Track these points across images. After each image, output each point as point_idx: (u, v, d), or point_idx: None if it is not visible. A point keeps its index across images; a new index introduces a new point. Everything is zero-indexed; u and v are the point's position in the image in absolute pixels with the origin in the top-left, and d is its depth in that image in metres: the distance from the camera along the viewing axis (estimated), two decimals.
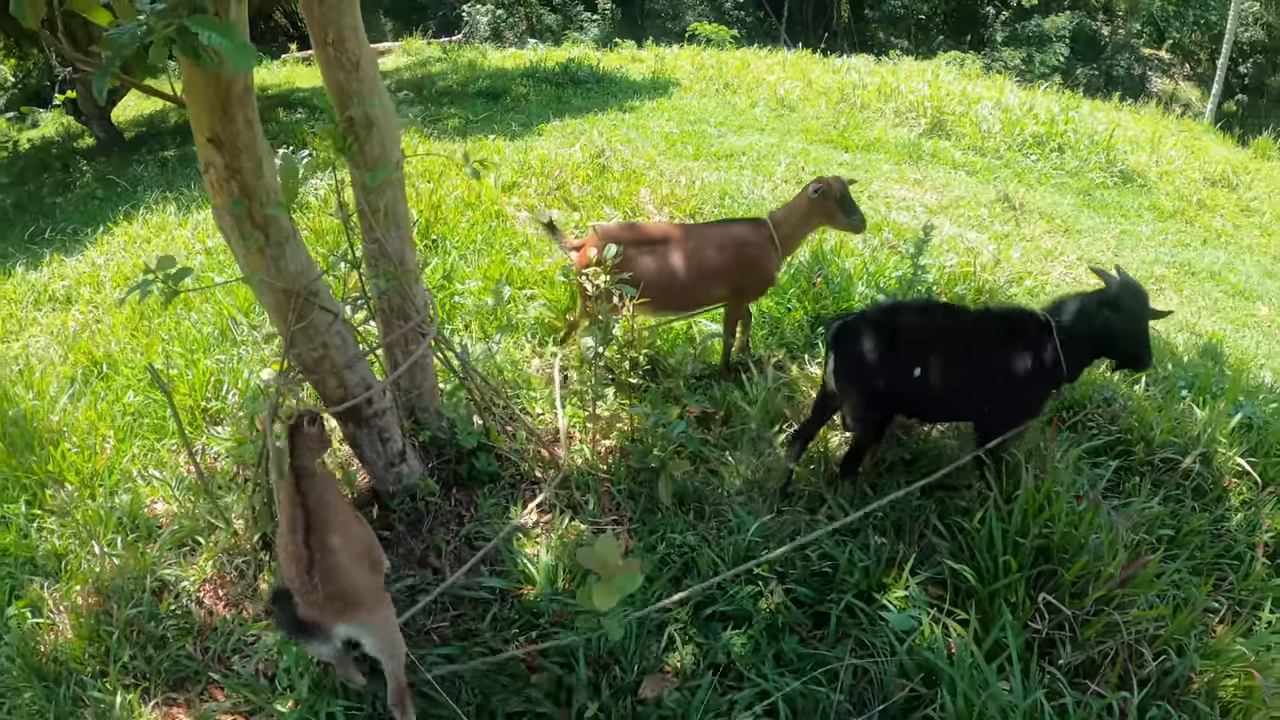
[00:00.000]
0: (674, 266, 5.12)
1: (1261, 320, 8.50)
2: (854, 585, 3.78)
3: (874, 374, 4.05)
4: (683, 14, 35.38)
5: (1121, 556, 3.61)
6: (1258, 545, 4.21)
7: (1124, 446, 4.83)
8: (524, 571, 3.93)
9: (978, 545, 3.79)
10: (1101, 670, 3.42)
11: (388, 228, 3.98)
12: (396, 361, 4.32)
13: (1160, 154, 14.50)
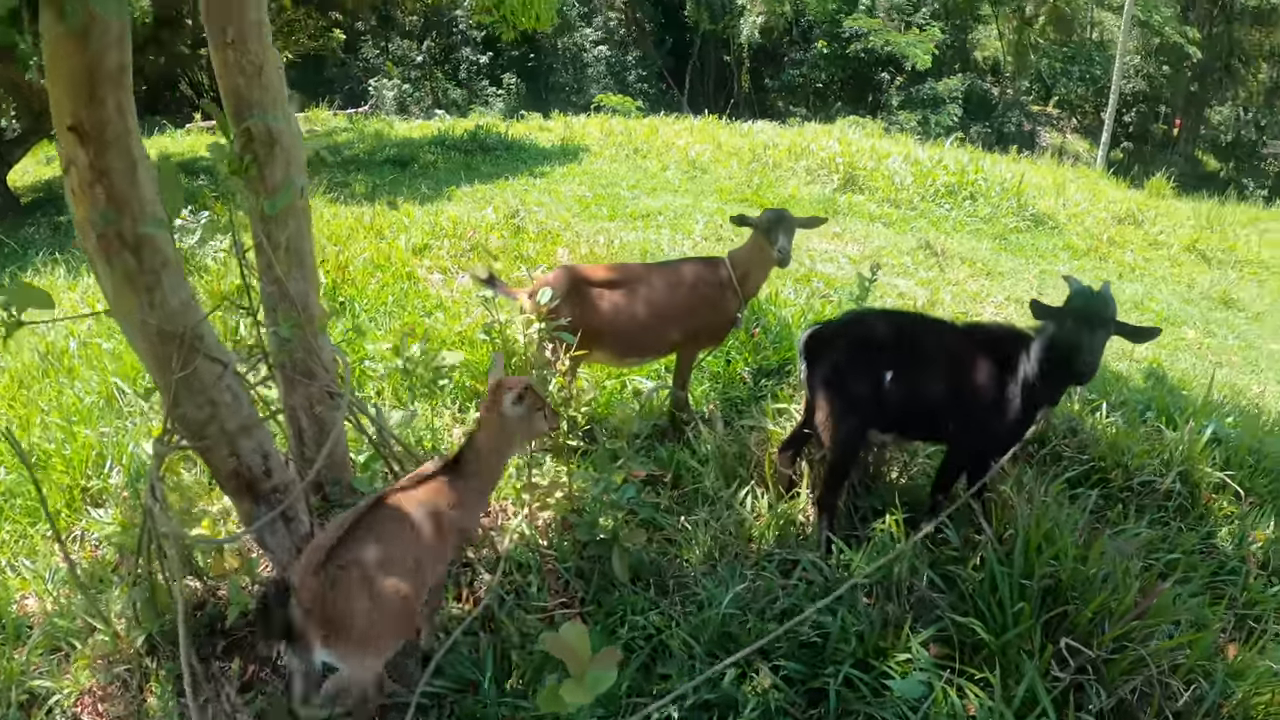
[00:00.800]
0: (626, 310, 4.81)
1: (1190, 343, 8.61)
2: (849, 654, 3.35)
3: (845, 381, 3.83)
4: (587, 87, 36.09)
5: (1134, 588, 3.32)
6: (1249, 558, 4.04)
7: (1100, 474, 4.60)
8: (463, 671, 3.37)
9: (979, 594, 3.44)
10: (1130, 708, 3.11)
11: (290, 266, 3.44)
12: (301, 427, 3.76)
13: (1066, 198, 15.03)
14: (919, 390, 3.83)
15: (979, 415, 3.80)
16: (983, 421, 3.80)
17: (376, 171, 14.85)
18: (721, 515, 4.23)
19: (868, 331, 4.01)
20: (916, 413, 3.89)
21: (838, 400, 3.89)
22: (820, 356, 3.94)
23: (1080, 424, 5.02)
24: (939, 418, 3.90)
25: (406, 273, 7.92)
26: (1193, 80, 37.18)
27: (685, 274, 4.97)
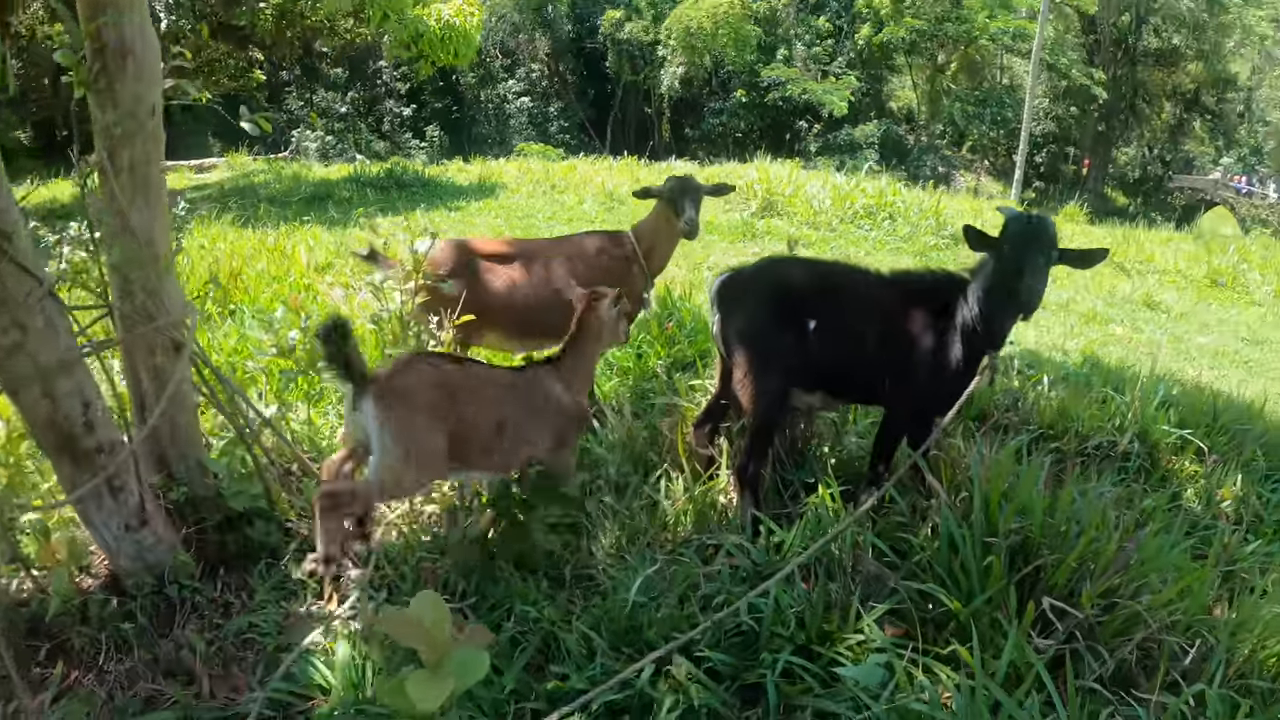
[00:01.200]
0: (521, 285, 4.42)
1: (1120, 338, 8.49)
2: (787, 641, 2.81)
3: (764, 333, 3.42)
4: (509, 138, 36.05)
5: (1114, 538, 2.89)
6: (1220, 516, 3.73)
7: (1051, 439, 4.24)
8: (314, 676, 2.79)
9: (938, 560, 2.96)
10: (1131, 672, 2.67)
11: (134, 193, 3.05)
12: (140, 383, 3.22)
13: (984, 219, 15.03)
14: (847, 341, 3.44)
15: (917, 368, 3.40)
16: (922, 375, 3.39)
17: (291, 207, 14.27)
18: (631, 502, 3.71)
19: (787, 276, 3.61)
20: (845, 368, 3.48)
21: (755, 354, 3.46)
22: (734, 306, 3.51)
23: (1022, 396, 4.68)
24: (871, 374, 3.48)
25: (305, 284, 7.42)
26: (1100, 120, 38.65)
27: (587, 247, 4.63)
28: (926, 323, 3.39)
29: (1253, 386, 6.75)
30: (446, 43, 17.78)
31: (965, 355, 3.33)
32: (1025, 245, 3.14)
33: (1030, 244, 3.14)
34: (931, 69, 38.65)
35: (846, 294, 3.53)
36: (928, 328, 3.38)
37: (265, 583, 3.24)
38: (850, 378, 3.54)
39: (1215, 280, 12.34)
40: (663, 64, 38.43)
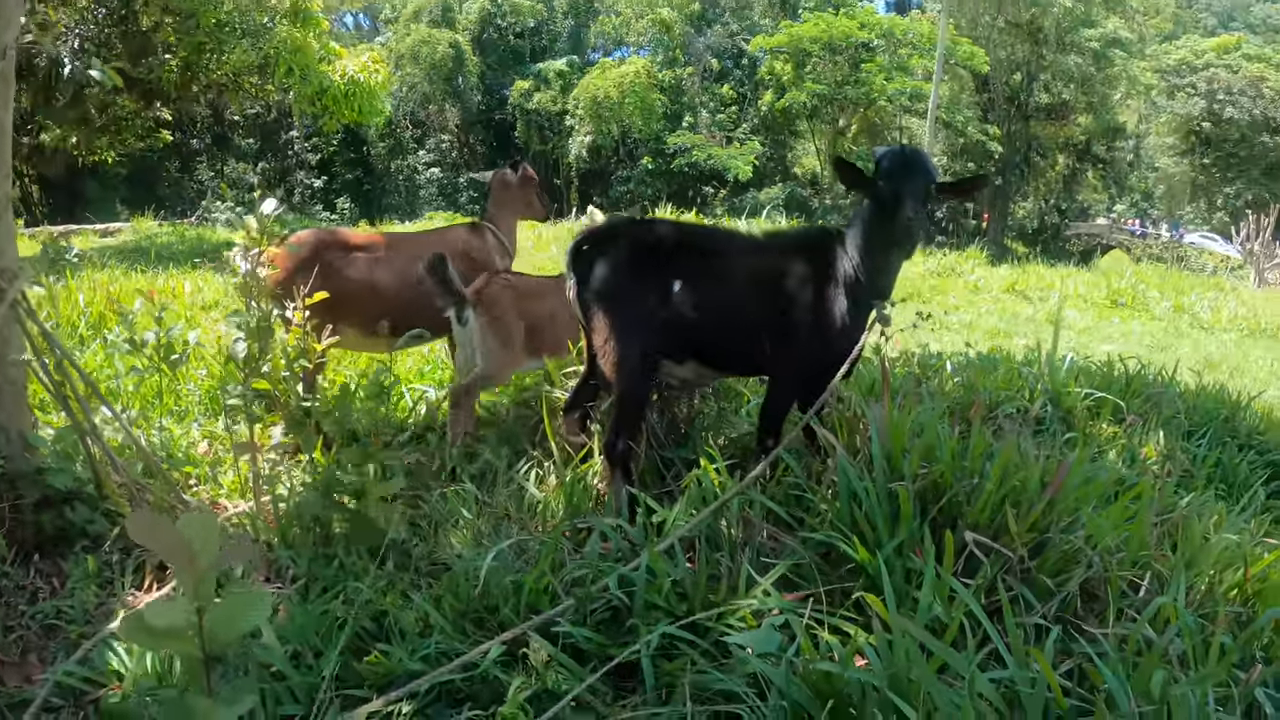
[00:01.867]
0: (387, 278, 4.19)
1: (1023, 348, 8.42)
2: (667, 613, 2.38)
3: (624, 294, 3.09)
4: (419, 209, 35.74)
5: (1036, 471, 2.56)
6: (1146, 473, 3.39)
7: (960, 410, 3.93)
8: (111, 663, 2.43)
9: (839, 516, 2.59)
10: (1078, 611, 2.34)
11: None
12: None
13: None
14: (717, 305, 3.11)
15: (798, 329, 3.08)
16: (805, 335, 3.07)
17: (190, 262, 13.69)
18: (498, 492, 3.31)
19: (647, 234, 3.28)
20: (717, 334, 3.15)
21: (617, 318, 3.11)
22: (591, 268, 3.16)
23: (924, 379, 4.39)
24: (747, 339, 3.15)
25: (188, 318, 7.07)
26: (997, 175, 40.12)
27: (451, 239, 4.50)
28: (805, 279, 3.09)
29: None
30: (351, 99, 17.58)
31: (851, 309, 3.02)
32: (901, 175, 2.88)
33: (906, 173, 2.88)
34: (833, 132, 39.83)
35: (714, 254, 3.21)
36: (807, 284, 3.08)
37: (79, 568, 2.96)
38: (723, 344, 3.21)
39: (1116, 300, 12.58)
40: (571, 133, 38.87)
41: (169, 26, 16.40)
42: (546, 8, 43.94)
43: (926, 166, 2.91)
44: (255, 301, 3.48)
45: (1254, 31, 66.33)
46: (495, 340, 3.84)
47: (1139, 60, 41.84)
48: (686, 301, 3.08)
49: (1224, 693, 2.11)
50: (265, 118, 37.46)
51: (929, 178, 2.90)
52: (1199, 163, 46.91)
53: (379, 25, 49.84)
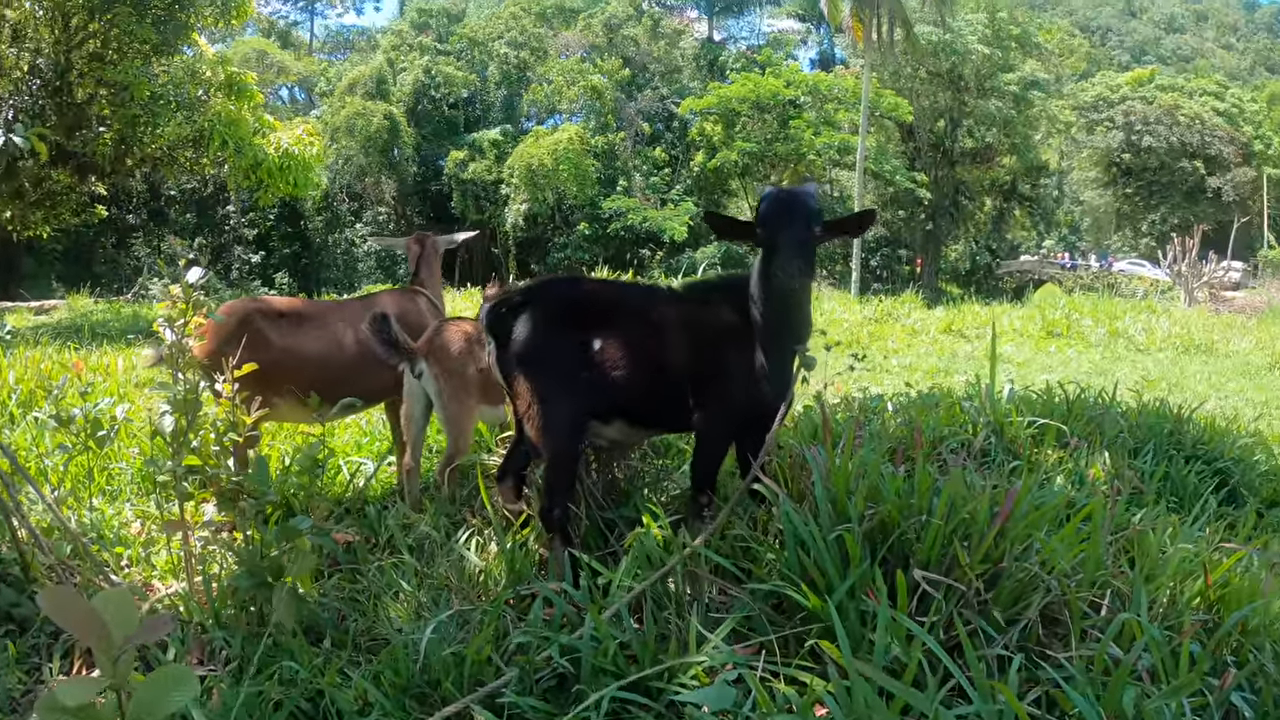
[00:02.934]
0: (317, 347, 4.11)
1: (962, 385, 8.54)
2: (616, 676, 2.28)
3: (545, 356, 3.04)
4: (358, 282, 35.49)
5: (985, 502, 2.51)
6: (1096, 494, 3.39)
7: (902, 448, 3.91)
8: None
9: (788, 565, 2.51)
10: (1039, 637, 2.29)
11: None
12: None
13: (822, 310, 15.48)
14: (638, 359, 3.06)
15: (718, 380, 3.04)
16: (727, 384, 3.03)
17: (123, 340, 13.41)
18: (438, 562, 3.19)
19: (564, 292, 3.26)
20: (640, 389, 3.08)
21: (539, 381, 3.06)
22: (510, 331, 3.10)
23: (865, 420, 4.36)
24: (671, 393, 3.10)
25: (120, 393, 6.84)
26: (927, 220, 41.14)
27: (383, 304, 4.37)
28: (718, 329, 3.05)
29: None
30: (286, 172, 17.54)
31: (764, 356, 2.96)
32: (776, 219, 2.81)
33: (781, 217, 2.81)
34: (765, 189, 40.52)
35: (631, 310, 3.18)
36: (720, 334, 3.04)
37: (3, 654, 2.78)
38: (647, 401, 3.14)
39: (1051, 331, 12.84)
40: (507, 202, 39.09)
41: (104, 99, 16.32)
42: (479, 78, 44.43)
43: (805, 207, 2.83)
44: (182, 373, 3.38)
45: (1165, 63, 69.71)
46: (450, 388, 3.76)
47: (1057, 99, 43.64)
48: (608, 359, 3.03)
49: (1199, 701, 2.08)
50: (202, 192, 37.23)
51: (810, 220, 2.82)
52: (1122, 192, 48.87)
53: (314, 98, 49.98)
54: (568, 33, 45.92)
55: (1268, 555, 3.00)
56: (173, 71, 16.88)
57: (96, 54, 16.11)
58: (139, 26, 15.45)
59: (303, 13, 71.64)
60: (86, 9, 15.63)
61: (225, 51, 29.72)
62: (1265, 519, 3.97)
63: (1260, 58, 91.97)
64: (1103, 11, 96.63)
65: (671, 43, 46.08)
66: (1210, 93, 50.56)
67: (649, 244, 38.92)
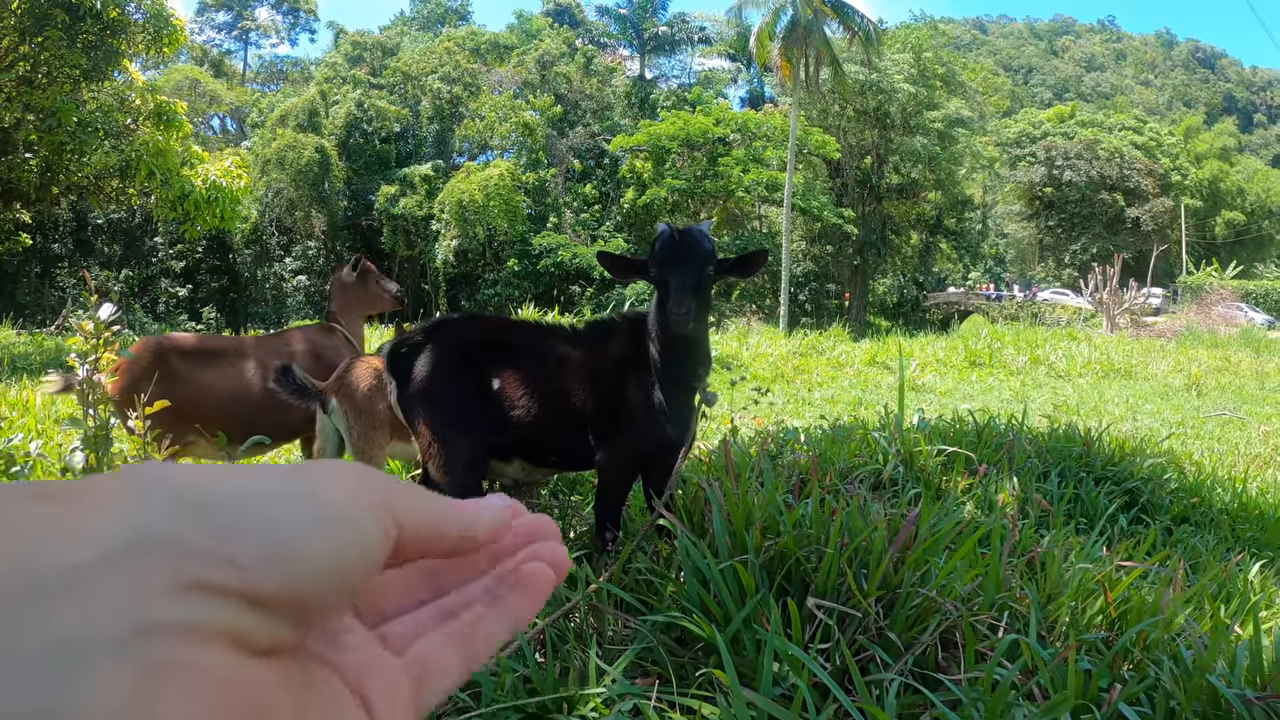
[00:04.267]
0: (229, 384, 4.11)
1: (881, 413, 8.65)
2: (515, 710, 2.22)
3: (444, 395, 3.05)
4: (287, 317, 34.98)
5: (879, 530, 2.49)
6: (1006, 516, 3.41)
7: (803, 481, 3.89)
8: None
9: (686, 596, 2.49)
10: (935, 660, 2.28)
11: None
12: None
13: (748, 344, 15.56)
14: (535, 398, 3.05)
15: (616, 416, 3.02)
16: (623, 421, 3.02)
17: (42, 372, 12.91)
18: None
19: (462, 332, 3.26)
20: (538, 428, 3.06)
21: (439, 419, 3.06)
22: (409, 370, 3.10)
23: (776, 453, 4.35)
24: (568, 431, 3.09)
25: (39, 429, 6.39)
26: (855, 255, 41.85)
27: (295, 341, 4.41)
28: (614, 368, 3.04)
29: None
30: (213, 205, 17.15)
31: (660, 393, 2.95)
32: (668, 259, 2.81)
33: (672, 256, 2.81)
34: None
35: (529, 349, 3.17)
36: (615, 373, 3.03)
37: None
38: (544, 439, 3.13)
39: (974, 361, 13.06)
40: (437, 238, 38.85)
41: (30, 124, 15.81)
42: (412, 112, 44.29)
43: (698, 247, 2.83)
44: (93, 409, 3.29)
45: (1086, 100, 72.56)
46: (360, 425, 3.72)
47: (981, 136, 44.97)
48: (506, 399, 3.03)
49: (1090, 718, 2.08)
50: (129, 223, 36.43)
51: (702, 258, 2.81)
52: (1045, 225, 50.56)
53: (246, 129, 49.29)
54: (501, 69, 46.14)
55: (1167, 571, 3.04)
56: (101, 99, 16.50)
57: (25, 78, 15.67)
58: (69, 51, 15.12)
59: (236, 42, 71.02)
60: (16, 30, 15.23)
61: (156, 79, 29.26)
62: (1174, 535, 4.04)
63: (1178, 93, 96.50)
64: (1025, 51, 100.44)
65: (604, 80, 46.55)
66: (1129, 127, 52.85)
67: (579, 280, 39.00)
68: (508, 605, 0.48)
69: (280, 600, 0.33)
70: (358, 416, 3.69)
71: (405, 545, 0.41)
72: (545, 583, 0.49)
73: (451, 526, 0.44)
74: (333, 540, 0.35)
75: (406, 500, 0.41)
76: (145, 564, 0.31)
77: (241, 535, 0.33)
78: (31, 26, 15.05)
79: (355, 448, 3.73)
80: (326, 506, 0.36)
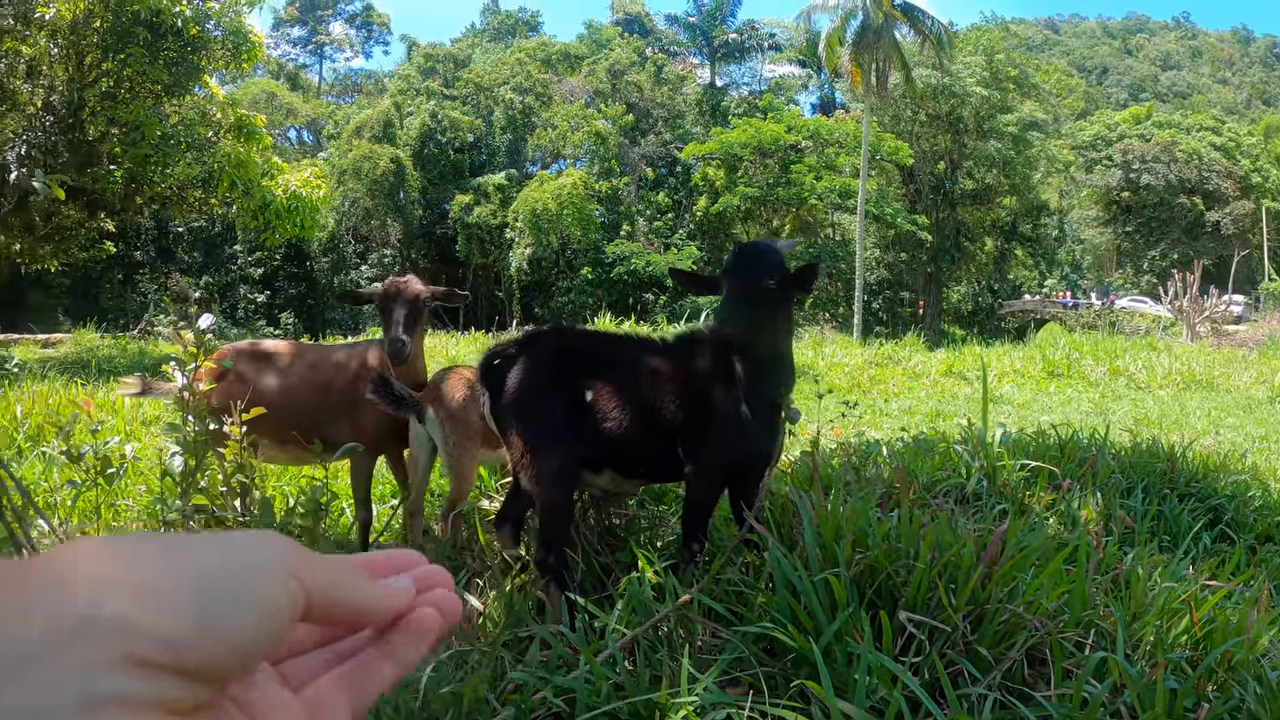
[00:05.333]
0: (273, 387, 4.09)
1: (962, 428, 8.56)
2: (608, 715, 2.32)
3: (536, 406, 3.09)
4: (363, 323, 35.74)
5: (967, 546, 2.56)
6: (1089, 533, 3.43)
7: (892, 496, 3.95)
8: None
9: (778, 609, 2.58)
10: (1023, 677, 2.31)
11: None
12: None
13: (823, 353, 15.49)
14: (626, 410, 3.10)
15: (704, 429, 3.06)
16: (711, 435, 3.06)
17: (128, 375, 13.52)
18: None
19: (557, 343, 3.31)
20: (628, 440, 3.12)
21: (532, 431, 3.12)
22: (503, 381, 3.17)
23: (860, 468, 4.39)
24: (658, 444, 3.14)
25: (128, 431, 6.96)
26: (929, 262, 41.26)
27: (338, 356, 4.22)
28: (702, 381, 3.09)
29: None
30: (293, 214, 17.76)
31: (746, 406, 2.99)
32: (734, 273, 2.90)
33: (738, 271, 2.90)
34: (767, 232, 40.87)
35: (621, 361, 3.23)
36: (703, 386, 3.08)
37: None
38: (635, 451, 3.18)
39: (1052, 372, 12.85)
40: (511, 246, 39.39)
41: (115, 137, 16.48)
42: (485, 123, 45.04)
43: (763, 262, 2.88)
44: (192, 416, 3.46)
45: (1162, 100, 70.33)
46: (455, 434, 3.80)
47: (1055, 139, 43.96)
48: (598, 410, 3.08)
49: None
50: (209, 231, 37.68)
51: (761, 272, 2.87)
52: (1122, 230, 49.13)
53: (321, 140, 50.64)
54: (572, 78, 46.64)
55: (1252, 591, 3.02)
56: (183, 112, 17.18)
57: (109, 93, 16.35)
58: (151, 67, 15.75)
59: (311, 56, 72.91)
60: (100, 48, 15.90)
61: (235, 93, 30.21)
62: (1258, 554, 3.98)
63: (1256, 91, 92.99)
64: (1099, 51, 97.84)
65: (674, 89, 46.72)
66: (1207, 128, 51.08)
67: (652, 288, 39.19)
68: (395, 649, 0.53)
69: (207, 672, 0.39)
70: (453, 426, 3.79)
71: (313, 611, 0.46)
72: (432, 627, 0.54)
73: (357, 604, 0.50)
74: (252, 618, 0.41)
75: (319, 573, 0.46)
76: (92, 642, 0.35)
77: (178, 618, 0.38)
78: (114, 43, 15.69)
79: (450, 455, 3.82)
80: (249, 588, 0.41)
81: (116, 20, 15.52)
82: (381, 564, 0.55)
